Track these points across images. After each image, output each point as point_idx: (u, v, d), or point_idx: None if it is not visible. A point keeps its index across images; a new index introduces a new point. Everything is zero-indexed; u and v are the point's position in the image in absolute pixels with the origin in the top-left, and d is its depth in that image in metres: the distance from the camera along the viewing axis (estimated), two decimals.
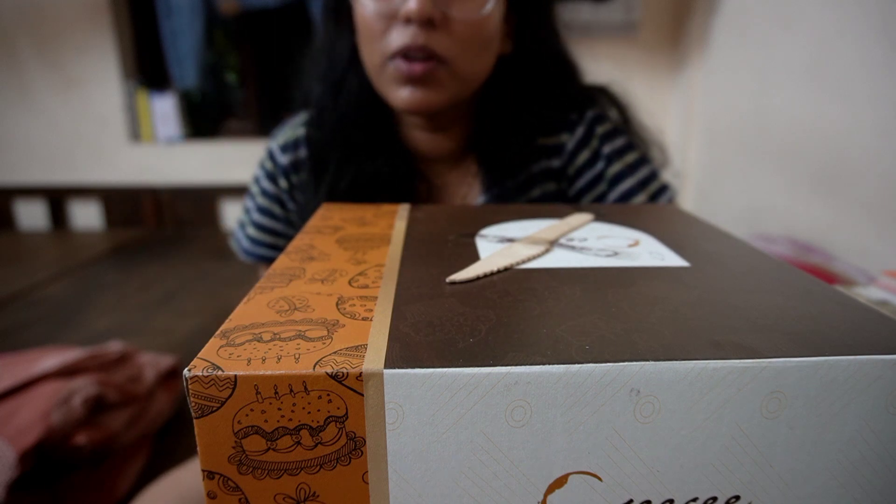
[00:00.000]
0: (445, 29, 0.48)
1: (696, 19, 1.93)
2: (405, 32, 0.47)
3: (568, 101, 0.58)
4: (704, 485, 0.19)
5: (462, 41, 0.48)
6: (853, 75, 1.14)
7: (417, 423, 0.18)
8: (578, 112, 0.58)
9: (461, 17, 0.48)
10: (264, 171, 0.62)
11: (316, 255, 0.29)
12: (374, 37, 0.49)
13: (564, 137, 0.57)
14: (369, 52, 0.51)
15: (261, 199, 0.62)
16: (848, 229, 1.16)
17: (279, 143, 0.61)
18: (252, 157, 2.63)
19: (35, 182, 2.51)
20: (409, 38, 0.47)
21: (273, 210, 0.62)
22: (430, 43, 0.47)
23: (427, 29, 0.47)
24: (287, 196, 0.61)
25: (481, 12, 0.48)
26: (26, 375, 0.83)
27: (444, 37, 0.48)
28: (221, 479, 0.18)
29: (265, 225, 0.62)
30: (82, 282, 1.84)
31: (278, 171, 0.60)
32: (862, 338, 0.20)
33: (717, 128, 1.83)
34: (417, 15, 0.46)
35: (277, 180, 0.61)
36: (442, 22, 0.47)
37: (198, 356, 0.19)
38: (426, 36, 0.47)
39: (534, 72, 0.56)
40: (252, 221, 0.63)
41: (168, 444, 0.98)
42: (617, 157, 0.56)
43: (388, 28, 0.48)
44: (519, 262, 0.28)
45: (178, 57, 2.47)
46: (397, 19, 0.48)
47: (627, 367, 0.18)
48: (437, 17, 0.47)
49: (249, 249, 0.63)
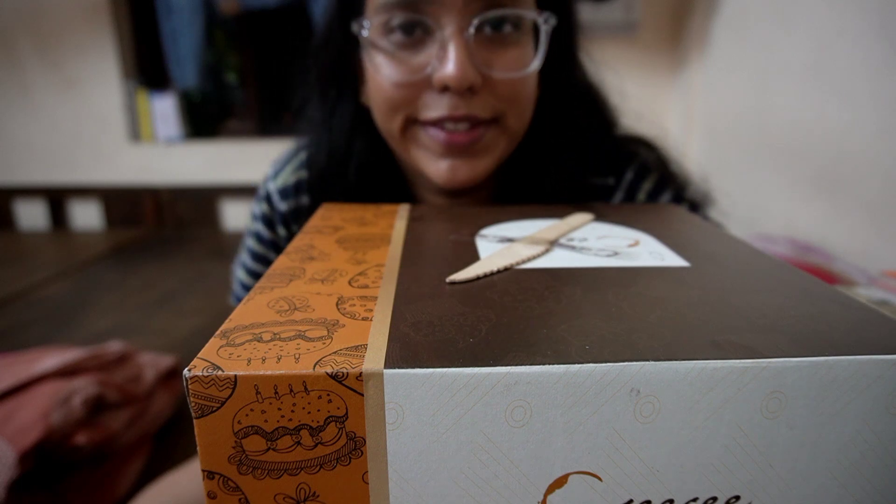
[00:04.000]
0: (488, 90, 0.40)
1: (696, 19, 1.93)
2: (440, 101, 0.40)
3: (603, 162, 0.50)
4: (704, 485, 0.19)
5: (507, 100, 0.41)
6: (853, 75, 1.14)
7: (417, 423, 0.18)
8: (616, 175, 0.50)
9: (506, 76, 0.40)
10: (261, 213, 0.55)
11: (316, 255, 0.29)
12: (397, 106, 0.41)
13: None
14: (387, 120, 0.43)
15: (254, 244, 0.56)
16: (848, 229, 1.16)
17: (278, 187, 0.54)
18: (252, 157, 2.62)
19: (35, 182, 2.51)
20: (446, 110, 0.39)
21: (268, 257, 0.56)
22: (474, 111, 0.40)
23: (468, 97, 0.39)
24: (285, 243, 0.55)
25: (528, 70, 0.41)
26: (26, 375, 0.83)
27: (488, 99, 0.40)
28: (221, 479, 0.18)
29: (258, 272, 0.57)
30: (82, 282, 1.84)
31: (276, 217, 0.54)
32: (862, 338, 0.20)
33: (717, 128, 1.83)
34: (458, 83, 0.38)
35: (275, 227, 0.55)
36: (483, 84, 0.40)
37: (198, 356, 0.19)
38: (467, 104, 0.40)
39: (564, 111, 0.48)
40: (244, 265, 0.58)
41: (168, 444, 0.97)
42: None
43: (416, 95, 0.41)
44: (519, 262, 0.28)
45: (178, 57, 2.47)
46: (427, 86, 0.40)
47: (627, 367, 0.18)
48: (478, 84, 0.39)
49: (240, 295, 0.58)
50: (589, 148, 0.49)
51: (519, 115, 0.43)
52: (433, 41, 0.40)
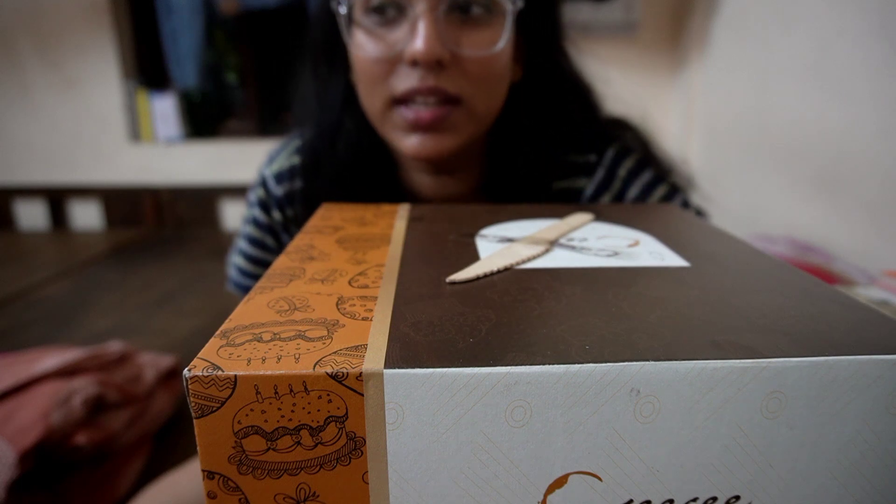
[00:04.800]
0: (456, 67, 0.43)
1: (696, 19, 1.93)
2: (412, 75, 0.43)
3: (585, 141, 0.53)
4: (704, 485, 0.19)
5: (475, 79, 0.44)
6: (853, 75, 1.14)
7: (417, 423, 0.18)
8: (598, 153, 0.52)
9: (473, 54, 0.43)
10: (256, 199, 0.57)
11: (316, 255, 0.29)
12: (375, 81, 0.44)
13: (582, 182, 0.53)
14: (369, 97, 0.46)
15: (252, 229, 0.58)
16: (848, 229, 1.16)
17: (273, 172, 0.56)
18: (252, 157, 2.63)
19: (35, 182, 2.51)
20: (416, 81, 0.42)
21: (265, 241, 0.58)
22: (441, 84, 0.43)
23: (436, 70, 0.42)
24: (281, 227, 0.57)
25: (494, 49, 0.44)
26: (26, 375, 0.83)
27: (456, 76, 0.43)
28: (221, 479, 0.18)
29: (255, 256, 0.59)
30: (82, 282, 1.84)
31: (272, 201, 0.56)
32: (862, 338, 0.20)
33: (717, 128, 1.83)
34: (425, 57, 0.41)
35: (270, 211, 0.57)
36: (452, 61, 0.43)
37: (198, 356, 0.19)
38: (435, 77, 0.42)
39: (546, 97, 0.51)
40: (241, 251, 0.60)
41: (168, 444, 0.97)
42: (645, 196, 0.52)
43: (391, 71, 0.44)
44: (519, 262, 0.28)
45: (178, 57, 2.47)
46: (400, 61, 0.43)
47: (627, 367, 0.18)
48: (446, 59, 0.42)
49: (237, 280, 0.60)
50: (572, 128, 0.53)
51: (486, 96, 0.45)
52: (407, 20, 0.43)
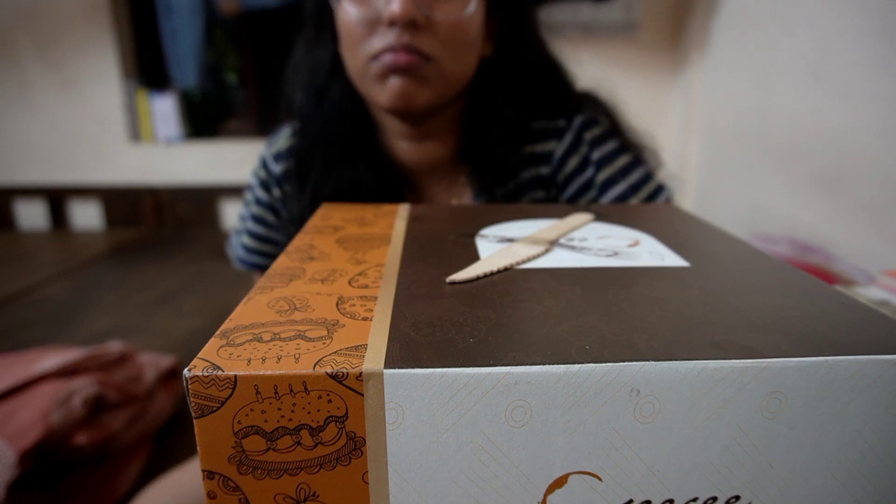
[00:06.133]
0: (429, 30, 0.48)
1: (696, 19, 1.93)
2: (389, 34, 0.48)
3: (555, 108, 0.58)
4: (704, 485, 0.19)
5: (446, 42, 0.49)
6: (853, 75, 1.14)
7: (417, 423, 0.18)
8: (567, 118, 0.57)
9: (444, 18, 0.48)
10: (258, 179, 0.62)
11: (316, 255, 0.29)
12: (357, 41, 0.49)
13: (552, 145, 0.57)
14: (352, 57, 0.51)
15: (255, 208, 0.62)
16: (848, 229, 1.16)
17: (272, 152, 0.61)
18: (252, 157, 2.63)
19: (35, 182, 2.51)
20: (393, 38, 0.47)
21: (267, 219, 0.62)
22: (415, 42, 0.48)
23: (411, 30, 0.47)
24: (280, 205, 0.61)
25: (464, 14, 0.49)
26: (26, 375, 0.83)
27: (429, 37, 0.48)
28: (221, 479, 0.18)
29: (259, 233, 0.62)
30: (82, 282, 1.84)
31: (271, 180, 0.61)
32: (862, 338, 0.20)
33: (717, 128, 1.83)
34: (401, 17, 0.46)
35: (271, 189, 0.61)
36: (425, 24, 0.48)
37: (198, 356, 0.19)
38: (410, 37, 0.47)
39: (516, 74, 0.56)
40: (246, 230, 0.63)
41: (168, 444, 0.97)
42: (607, 162, 0.56)
43: (372, 32, 0.49)
44: (519, 262, 0.28)
45: (178, 57, 2.47)
46: (381, 23, 0.48)
47: (627, 367, 0.18)
48: (420, 20, 0.47)
49: (244, 258, 0.64)
50: (542, 98, 0.58)
51: (456, 58, 0.50)
52: None
